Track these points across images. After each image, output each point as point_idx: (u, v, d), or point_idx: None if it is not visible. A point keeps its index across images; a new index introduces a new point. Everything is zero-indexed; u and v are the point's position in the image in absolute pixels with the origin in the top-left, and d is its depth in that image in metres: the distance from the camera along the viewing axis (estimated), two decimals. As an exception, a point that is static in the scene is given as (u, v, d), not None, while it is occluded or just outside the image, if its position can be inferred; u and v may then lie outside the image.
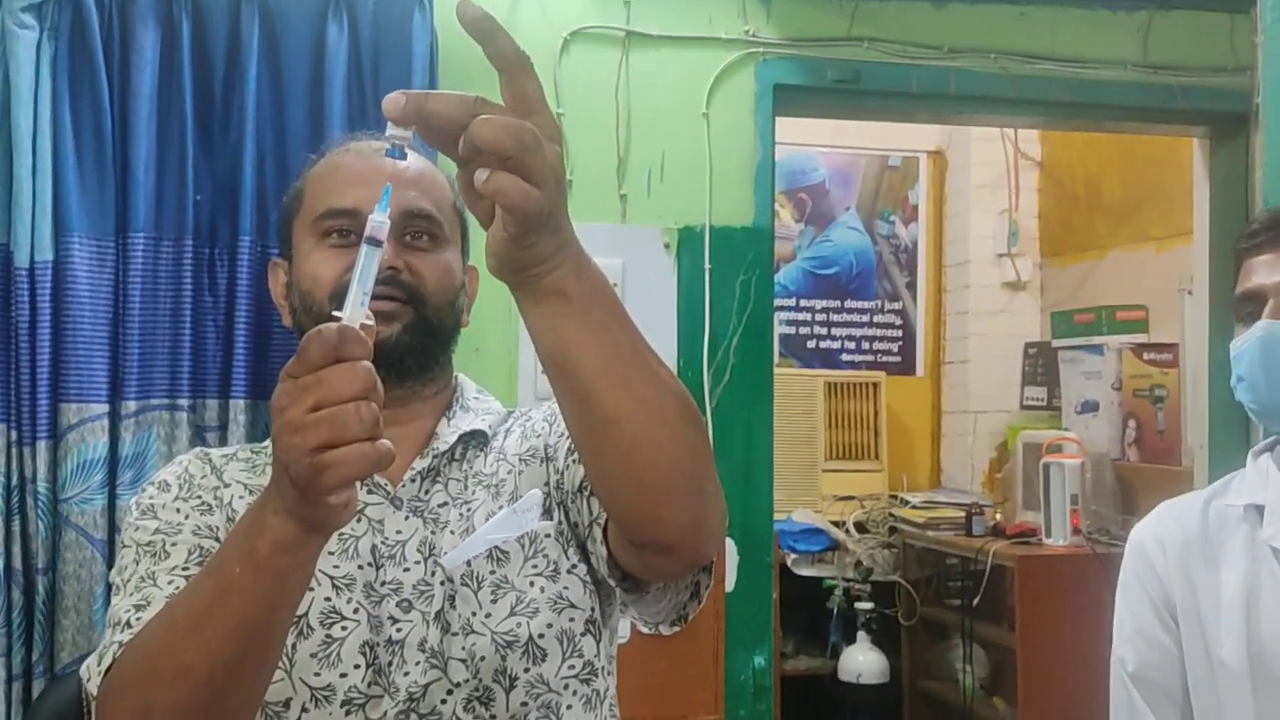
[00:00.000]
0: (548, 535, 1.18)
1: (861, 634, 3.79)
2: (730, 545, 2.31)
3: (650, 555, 1.00)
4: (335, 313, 0.82)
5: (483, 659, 1.10)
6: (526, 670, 1.11)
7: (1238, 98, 2.63)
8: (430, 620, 1.11)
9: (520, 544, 1.16)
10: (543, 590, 1.15)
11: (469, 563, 1.14)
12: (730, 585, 2.31)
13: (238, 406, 2.05)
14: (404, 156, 0.84)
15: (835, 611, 3.84)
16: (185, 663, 0.90)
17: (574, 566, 1.18)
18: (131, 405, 2.00)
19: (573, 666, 1.14)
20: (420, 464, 1.18)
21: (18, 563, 1.93)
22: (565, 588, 1.16)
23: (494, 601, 1.13)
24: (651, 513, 0.94)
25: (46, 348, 1.95)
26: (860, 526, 3.98)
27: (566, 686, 1.14)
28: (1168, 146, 3.47)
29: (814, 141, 4.37)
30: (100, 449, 1.97)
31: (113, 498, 1.99)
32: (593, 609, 1.19)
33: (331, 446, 0.79)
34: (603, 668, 1.19)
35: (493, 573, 1.15)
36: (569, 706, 1.13)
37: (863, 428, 4.25)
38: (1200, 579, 1.36)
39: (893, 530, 3.98)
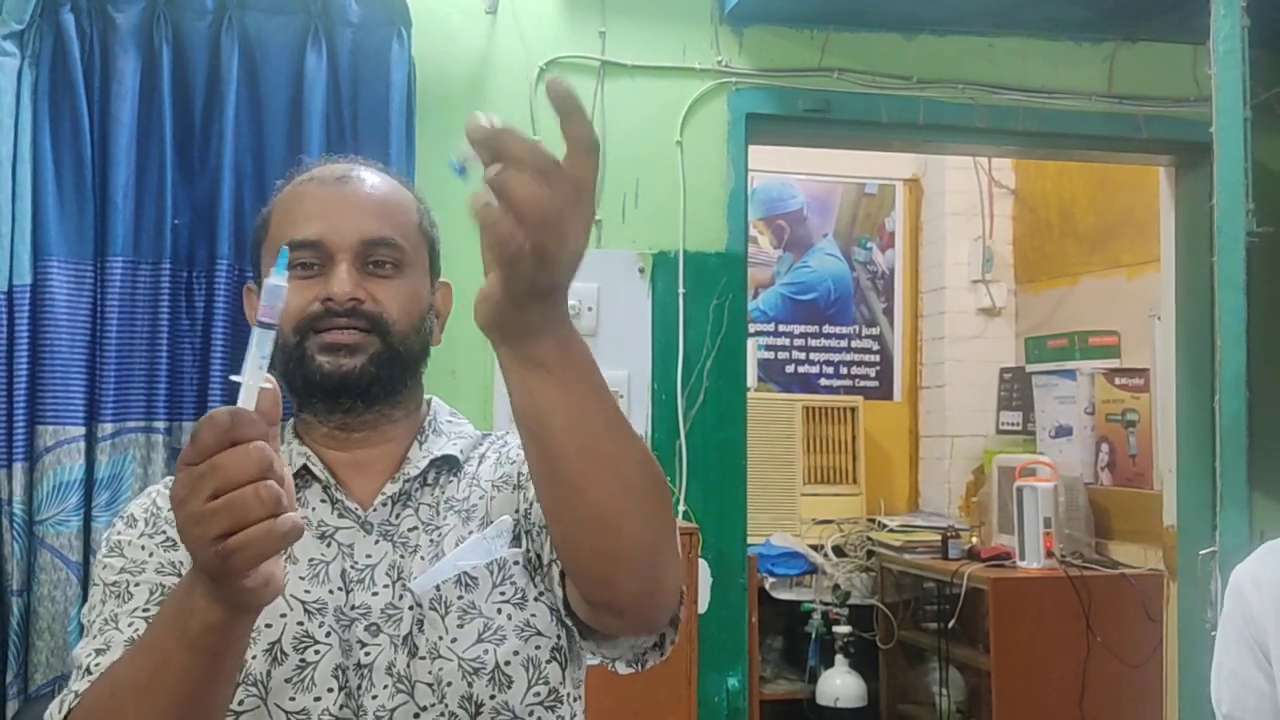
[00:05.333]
0: (516, 563, 1.19)
1: (840, 657, 3.80)
2: (703, 567, 2.33)
3: (602, 614, 1.03)
4: (234, 377, 0.83)
5: (449, 684, 1.11)
6: (492, 697, 1.12)
7: (1201, 128, 2.66)
8: (398, 644, 1.13)
9: (489, 570, 1.17)
10: (510, 617, 1.16)
11: (438, 587, 1.15)
12: (703, 607, 2.33)
13: (214, 429, 2.06)
14: (464, 174, 0.84)
15: (813, 635, 3.86)
16: None
17: (541, 594, 1.19)
18: (108, 428, 2.02)
19: (538, 694, 1.15)
20: (391, 489, 1.19)
21: (-8, 584, 1.94)
22: (532, 615, 1.17)
23: (460, 627, 1.14)
24: (606, 578, 0.97)
25: (24, 370, 1.96)
26: (838, 550, 4.00)
27: (532, 713, 1.14)
28: (1138, 175, 3.53)
29: (792, 169, 4.43)
30: (76, 471, 1.98)
31: (88, 520, 2.00)
32: (559, 636, 1.19)
33: (234, 532, 0.80)
34: (568, 694, 1.19)
35: (460, 598, 1.15)
36: None
37: (841, 452, 4.29)
38: None
39: (870, 554, 4.00)
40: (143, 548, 1.16)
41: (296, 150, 2.15)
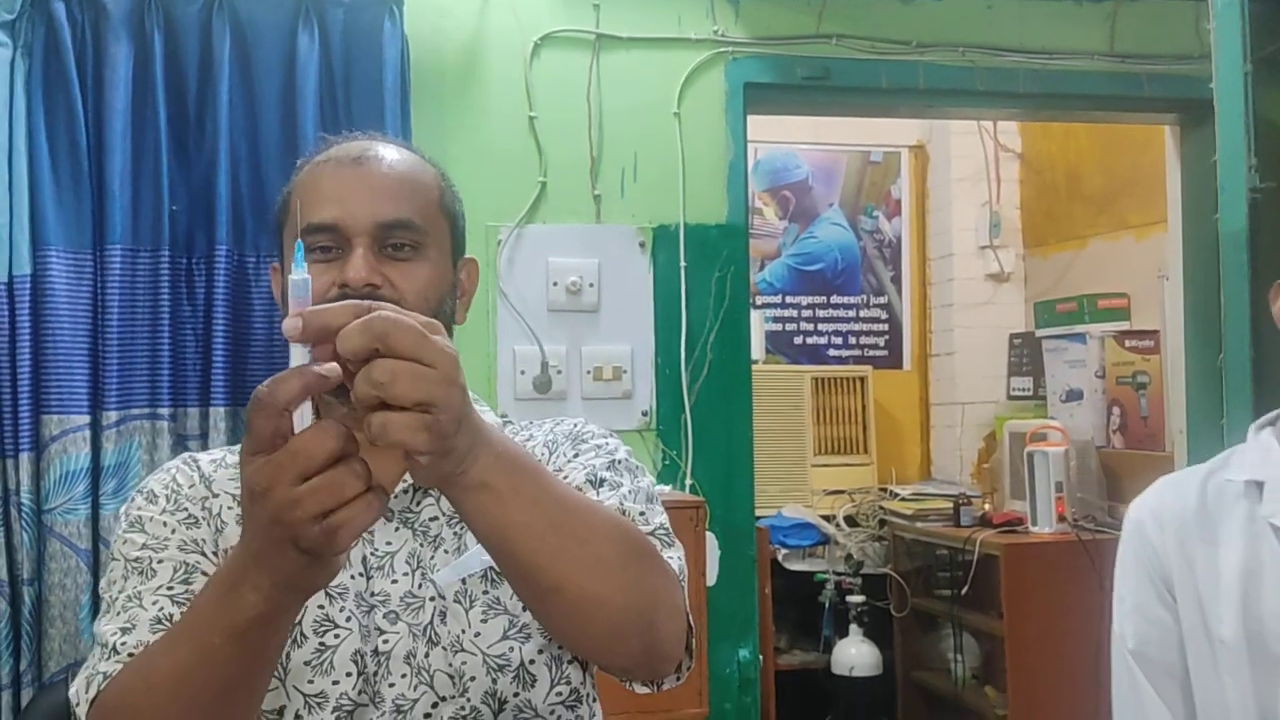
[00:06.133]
0: None
1: (854, 627, 3.80)
2: (711, 540, 2.33)
3: (608, 672, 1.08)
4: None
5: (473, 679, 1.11)
6: (516, 694, 1.12)
7: (1204, 85, 2.64)
8: (418, 634, 1.13)
9: None
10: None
11: (463, 580, 1.15)
12: (712, 580, 2.33)
13: (218, 414, 2.07)
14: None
15: (827, 605, 3.86)
16: (169, 718, 0.93)
17: None
18: (113, 415, 2.02)
19: (560, 693, 1.16)
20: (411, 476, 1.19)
21: (3, 574, 1.95)
22: None
23: (485, 621, 1.14)
24: (603, 654, 1.02)
25: (27, 360, 1.97)
26: (850, 520, 4.00)
27: (553, 712, 1.15)
28: (1144, 135, 3.50)
29: (795, 139, 4.40)
30: (83, 460, 1.99)
31: (96, 508, 2.01)
32: None
33: (334, 509, 0.81)
34: (588, 694, 1.20)
35: (486, 593, 1.15)
36: None
37: (851, 422, 4.28)
38: (1198, 555, 1.34)
39: (883, 523, 3.99)
40: (165, 524, 1.15)
41: (290, 132, 2.15)
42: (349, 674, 1.10)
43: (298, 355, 0.84)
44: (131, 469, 2.03)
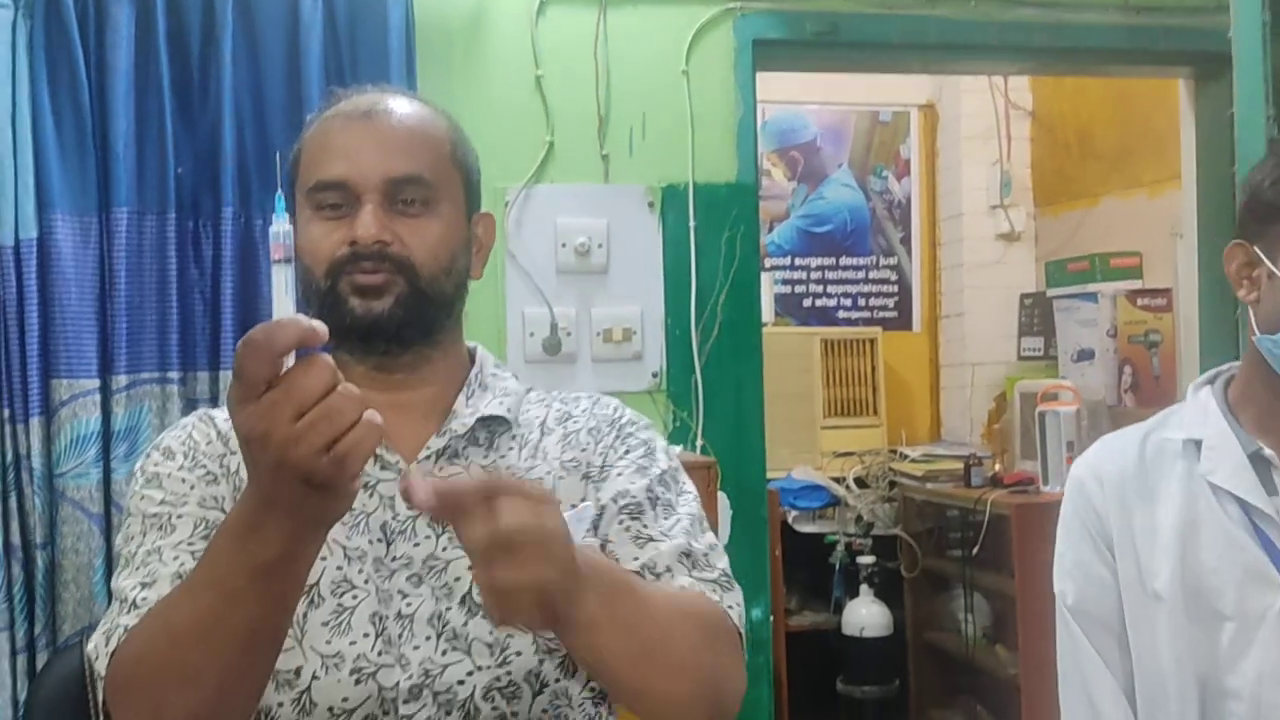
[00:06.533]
0: (597, 552, 1.17)
1: (864, 588, 3.81)
2: (723, 500, 2.33)
3: None
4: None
5: (518, 654, 1.10)
6: (557, 680, 1.12)
7: (1221, 37, 2.59)
8: (441, 596, 1.11)
9: None
10: None
11: None
12: (723, 540, 2.33)
13: (228, 377, 2.06)
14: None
15: (837, 566, 3.86)
16: (194, 669, 0.92)
17: None
18: (122, 380, 2.02)
19: (594, 688, 1.15)
20: (437, 443, 1.17)
21: (16, 539, 1.95)
22: None
23: None
24: None
25: (35, 325, 1.96)
26: (860, 482, 4.00)
27: (581, 706, 1.14)
28: (1157, 90, 3.45)
29: (804, 99, 4.36)
30: (93, 424, 1.99)
31: (108, 472, 2.01)
32: None
33: (337, 439, 0.81)
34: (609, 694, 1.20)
35: None
36: None
37: (861, 384, 4.26)
38: (1137, 513, 1.36)
39: (893, 484, 3.99)
40: (183, 480, 1.14)
41: (295, 92, 2.13)
42: (366, 635, 1.09)
43: (284, 309, 0.84)
44: (142, 433, 2.03)
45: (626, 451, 1.22)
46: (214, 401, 2.07)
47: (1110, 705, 1.34)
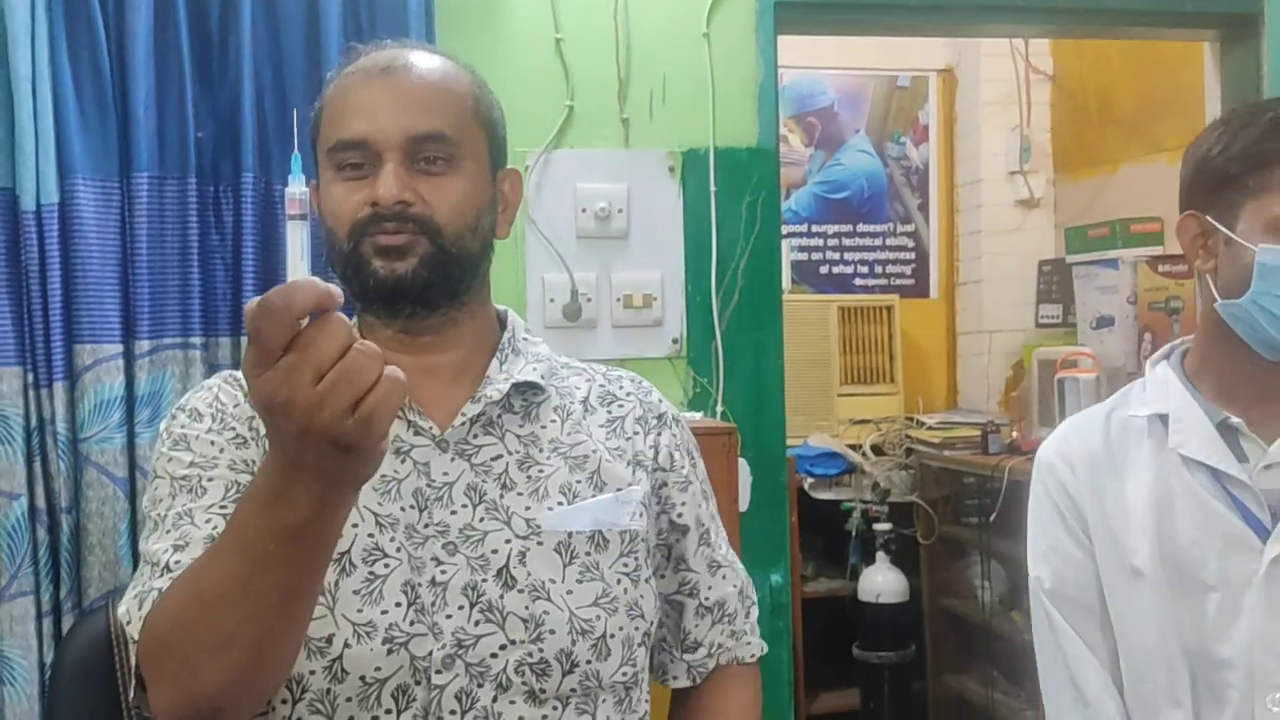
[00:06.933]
0: (644, 539, 1.20)
1: (880, 554, 3.81)
2: (743, 466, 2.32)
3: None
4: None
5: (551, 631, 1.10)
6: (589, 662, 1.12)
7: (1249, -2, 2.58)
8: (477, 567, 1.11)
9: (621, 537, 1.17)
10: (625, 591, 1.16)
11: (569, 534, 1.15)
12: (744, 506, 2.33)
13: (249, 343, 2.06)
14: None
15: (854, 533, 3.87)
16: (227, 633, 0.91)
17: (649, 579, 1.20)
18: (145, 345, 2.02)
19: (625, 673, 1.16)
20: (471, 409, 1.16)
21: (41, 502, 1.96)
22: (641, 596, 1.18)
23: (580, 583, 1.13)
24: None
25: (58, 290, 1.96)
26: (877, 449, 3.99)
27: (612, 689, 1.15)
28: (1180, 54, 3.41)
29: (821, 64, 4.32)
30: (117, 388, 1.99)
31: (131, 436, 2.01)
32: (652, 624, 1.21)
33: (360, 398, 0.79)
34: (644, 679, 1.21)
35: (588, 554, 1.14)
36: (603, 701, 1.14)
37: (877, 351, 4.25)
38: (1110, 491, 1.37)
39: (909, 452, 3.99)
40: (212, 443, 1.13)
41: (315, 55, 2.11)
42: (398, 604, 1.08)
43: (299, 270, 0.83)
44: (165, 398, 2.03)
45: (692, 464, 1.30)
46: (236, 367, 2.06)
47: (1096, 688, 1.35)
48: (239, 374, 1.22)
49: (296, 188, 0.84)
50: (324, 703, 1.08)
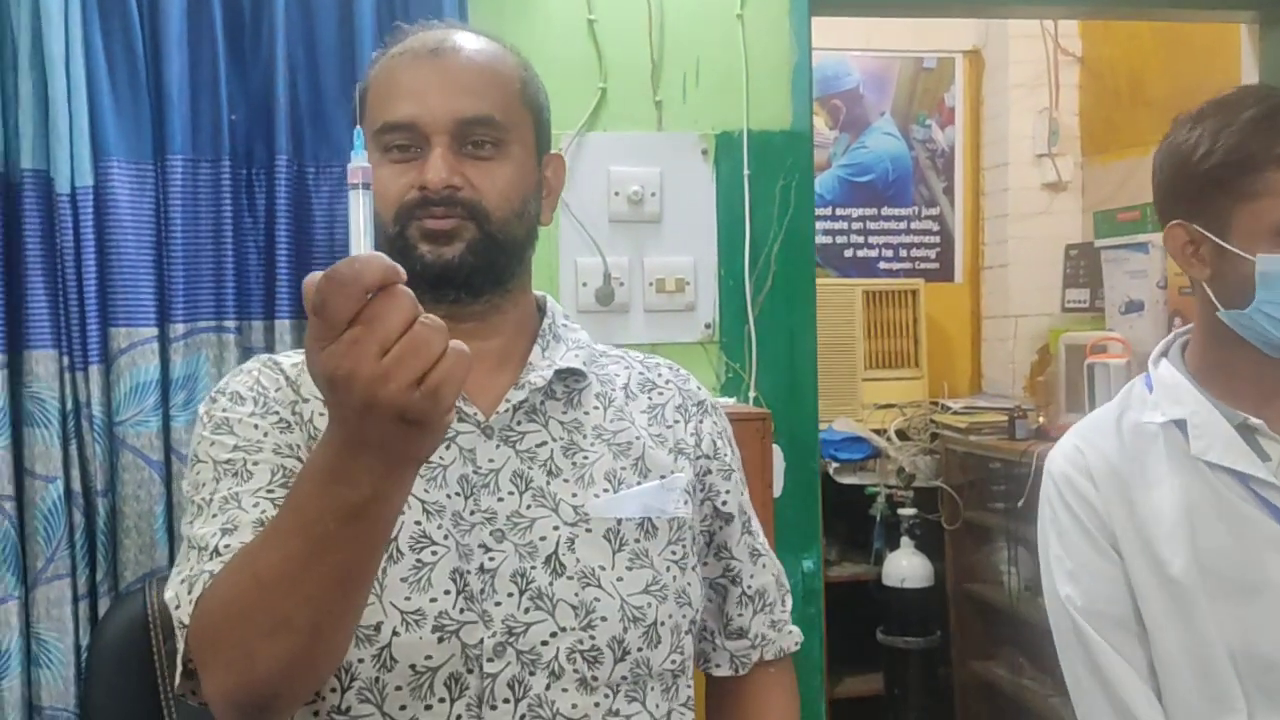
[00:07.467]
0: (691, 526, 1.19)
1: (905, 539, 3.80)
2: (777, 452, 2.31)
3: None
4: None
5: (603, 619, 1.09)
6: (639, 650, 1.11)
7: (1291, -21, 2.54)
8: (525, 554, 1.10)
9: (670, 524, 1.17)
10: (674, 579, 1.15)
11: (618, 520, 1.14)
12: (778, 491, 2.32)
13: (283, 327, 2.06)
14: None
15: (878, 518, 3.85)
16: (284, 615, 0.89)
17: (695, 566, 1.20)
18: (180, 328, 2.01)
19: (674, 660, 1.15)
20: (516, 396, 1.15)
21: (77, 485, 1.96)
22: (689, 584, 1.17)
23: (629, 570, 1.12)
24: None
25: (93, 273, 1.95)
26: (901, 434, 3.97)
27: (660, 676, 1.14)
28: (1214, 35, 3.37)
29: (846, 45, 4.28)
30: (152, 372, 1.99)
31: (167, 419, 2.01)
32: (698, 611, 1.20)
33: (427, 371, 0.77)
34: (689, 667, 1.20)
35: (638, 541, 1.14)
36: (652, 689, 1.14)
37: (902, 335, 4.22)
38: (1137, 501, 1.33)
39: (934, 436, 3.97)
40: (256, 426, 1.11)
41: (348, 40, 2.10)
42: (447, 592, 1.07)
43: (361, 244, 0.81)
44: (200, 381, 2.02)
45: (733, 451, 1.29)
46: (269, 351, 2.06)
47: (1143, 704, 1.31)
48: (278, 358, 1.21)
49: (359, 161, 0.82)
50: (373, 691, 1.07)
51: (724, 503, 1.26)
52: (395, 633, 1.06)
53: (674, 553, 1.16)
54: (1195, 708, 1.30)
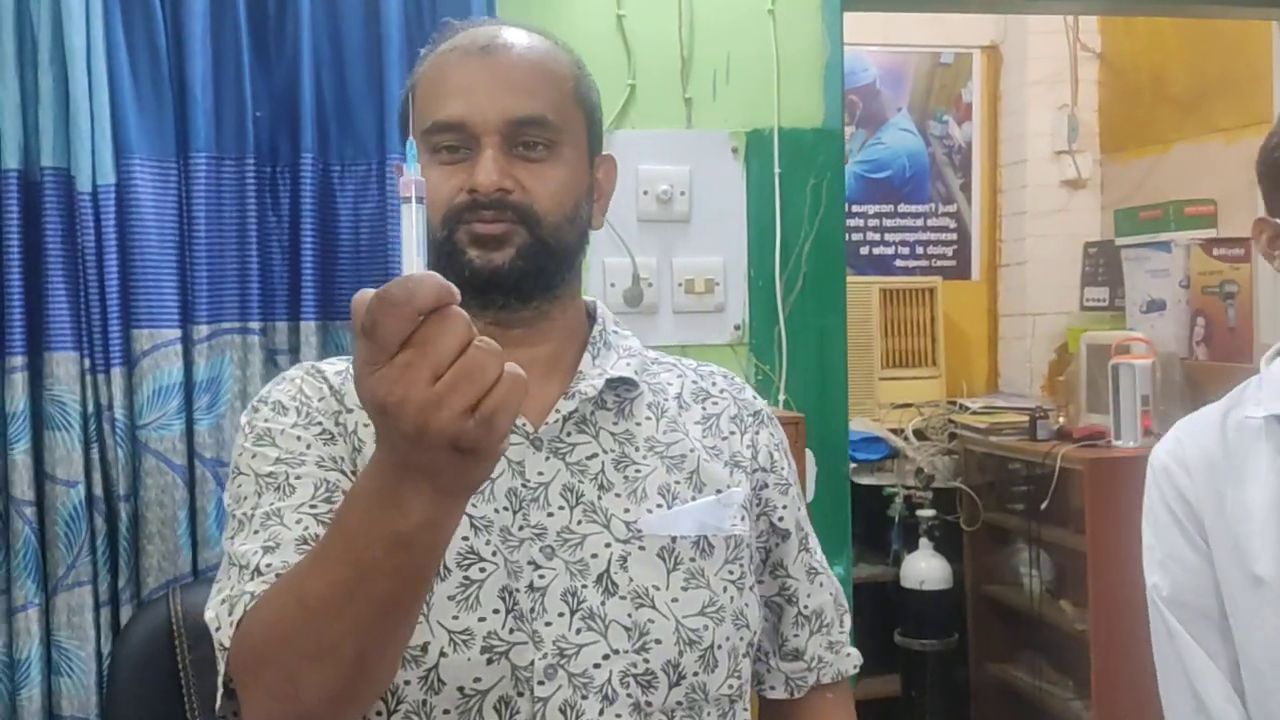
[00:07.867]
0: (748, 545, 1.15)
1: (924, 540, 3.77)
2: (809, 456, 2.27)
3: None
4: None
5: (657, 641, 1.05)
6: (695, 674, 1.07)
7: (1329, -25, 2.50)
8: (576, 572, 1.06)
9: (726, 543, 1.13)
10: (732, 600, 1.11)
11: (672, 539, 1.10)
12: (810, 496, 2.28)
13: (308, 329, 2.01)
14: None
15: (896, 519, 3.82)
16: (330, 642, 0.86)
17: (753, 586, 1.16)
18: (203, 330, 1.97)
19: (731, 685, 1.11)
20: (566, 406, 1.11)
21: (99, 490, 1.91)
22: (746, 605, 1.14)
23: (685, 590, 1.08)
24: None
25: (115, 273, 1.91)
26: (919, 434, 3.94)
27: (717, 702, 1.10)
28: (1238, 31, 3.33)
29: (863, 40, 4.24)
30: (175, 374, 1.94)
31: (190, 423, 1.96)
32: (755, 633, 1.16)
33: (481, 398, 0.73)
34: (746, 692, 1.16)
35: (693, 560, 1.10)
36: (708, 714, 1.10)
37: (919, 334, 4.19)
38: (1228, 496, 1.32)
39: (953, 436, 3.93)
40: (298, 439, 1.08)
41: (374, 36, 2.05)
42: (496, 611, 1.03)
43: (414, 263, 0.77)
44: (224, 384, 1.98)
45: (789, 464, 1.25)
46: (294, 353, 2.02)
47: (1219, 698, 1.30)
48: (321, 366, 1.17)
49: (413, 174, 0.78)
50: (420, 714, 1.03)
51: (780, 519, 1.22)
52: (443, 653, 1.02)
53: (731, 572, 1.12)
54: (1274, 711, 1.27)
